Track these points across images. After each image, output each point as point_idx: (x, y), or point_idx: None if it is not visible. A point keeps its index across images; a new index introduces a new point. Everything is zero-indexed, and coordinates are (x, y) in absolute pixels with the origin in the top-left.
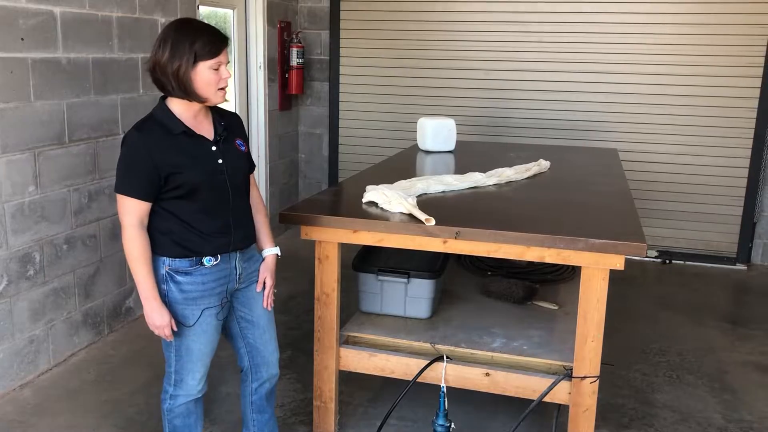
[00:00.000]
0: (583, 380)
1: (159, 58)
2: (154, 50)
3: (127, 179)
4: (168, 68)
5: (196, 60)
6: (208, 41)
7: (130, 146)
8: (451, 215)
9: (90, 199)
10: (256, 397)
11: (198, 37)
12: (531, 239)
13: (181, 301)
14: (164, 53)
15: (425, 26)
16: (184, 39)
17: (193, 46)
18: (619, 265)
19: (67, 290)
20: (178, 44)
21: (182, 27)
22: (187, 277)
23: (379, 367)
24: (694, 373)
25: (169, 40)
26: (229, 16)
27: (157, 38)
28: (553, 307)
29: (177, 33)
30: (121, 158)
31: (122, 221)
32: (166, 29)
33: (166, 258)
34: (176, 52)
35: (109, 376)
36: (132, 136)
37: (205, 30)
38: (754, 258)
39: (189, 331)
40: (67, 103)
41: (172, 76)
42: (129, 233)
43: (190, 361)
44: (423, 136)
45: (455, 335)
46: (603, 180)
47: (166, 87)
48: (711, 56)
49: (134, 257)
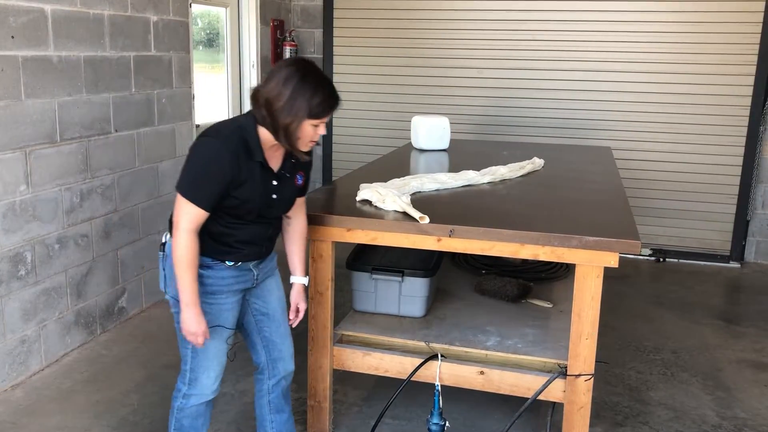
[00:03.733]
0: (577, 378)
1: (272, 100)
2: (270, 87)
3: (198, 187)
4: (278, 116)
5: (307, 117)
6: (325, 102)
7: (212, 156)
8: (445, 213)
9: (82, 198)
10: (274, 395)
11: (317, 95)
12: (525, 237)
13: (200, 293)
14: (280, 99)
15: (419, 24)
16: (305, 94)
17: (310, 104)
18: (614, 263)
19: (59, 290)
20: (297, 97)
21: (306, 78)
22: (208, 271)
23: (374, 366)
24: (688, 371)
25: (289, 86)
26: (222, 14)
27: (275, 73)
28: (548, 305)
29: (300, 84)
30: (195, 163)
31: (179, 224)
32: (289, 72)
33: None
34: (293, 106)
35: (101, 376)
36: (215, 146)
37: (325, 86)
38: (747, 256)
39: (215, 336)
40: (59, 102)
41: (281, 126)
42: (184, 238)
43: (206, 359)
44: (417, 135)
45: (449, 334)
46: (597, 178)
47: (266, 123)
48: (704, 54)
49: (185, 262)
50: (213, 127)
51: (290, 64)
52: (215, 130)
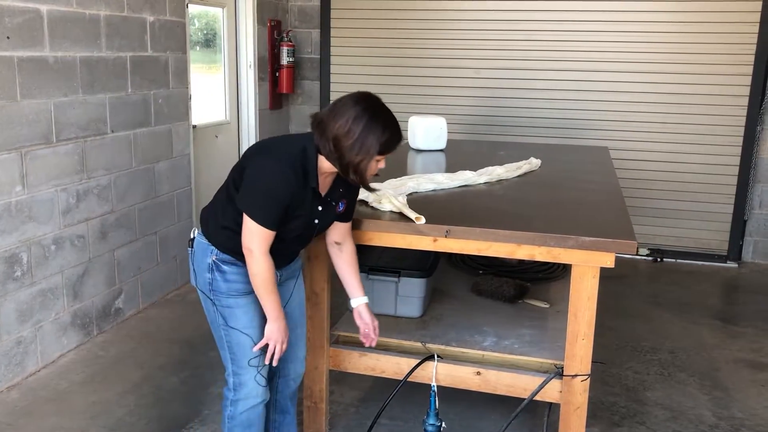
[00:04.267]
0: (574, 378)
1: (342, 137)
2: (339, 124)
3: (267, 210)
4: (348, 153)
5: (378, 154)
6: (393, 139)
7: (279, 180)
8: (442, 213)
9: (78, 199)
10: (281, 396)
11: (386, 132)
12: (521, 237)
13: (225, 291)
14: (350, 137)
15: (416, 25)
16: (375, 132)
17: (380, 141)
18: (610, 263)
19: (56, 291)
20: (367, 136)
21: (376, 116)
22: (233, 268)
23: (370, 367)
24: (685, 371)
25: (360, 124)
26: (219, 14)
27: (343, 109)
28: (545, 305)
29: (370, 122)
30: (263, 185)
31: (252, 247)
32: (359, 110)
33: (215, 248)
34: (364, 144)
35: (98, 377)
36: (281, 170)
37: (392, 123)
38: (744, 255)
39: (237, 324)
40: (55, 102)
41: (351, 163)
42: (261, 261)
43: (244, 357)
44: (414, 135)
45: (446, 334)
46: (594, 178)
47: (332, 158)
48: (701, 54)
49: (267, 284)
50: (275, 145)
51: (359, 102)
52: (278, 150)
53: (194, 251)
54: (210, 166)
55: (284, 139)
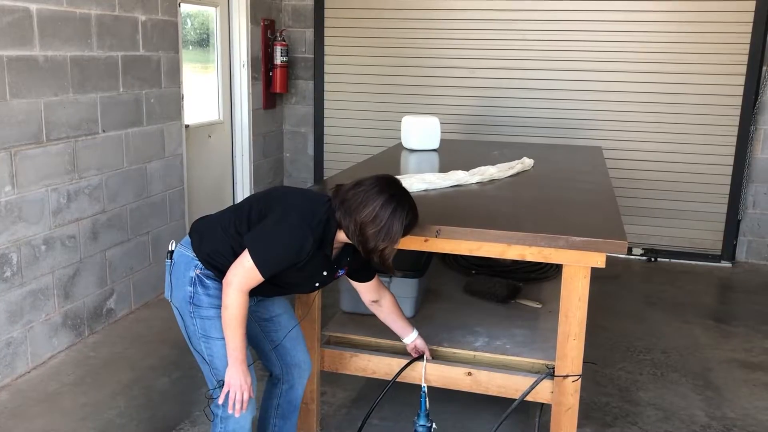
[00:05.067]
0: (565, 379)
1: (368, 224)
2: (365, 212)
3: (271, 260)
4: (373, 239)
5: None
6: (413, 223)
7: (298, 244)
8: (433, 213)
9: (69, 199)
10: (284, 400)
11: (407, 218)
12: (512, 237)
13: (207, 305)
14: (375, 224)
15: (410, 24)
16: (400, 220)
17: (403, 227)
18: (600, 263)
19: (46, 292)
20: (393, 224)
21: (401, 205)
22: (216, 283)
23: (361, 368)
24: (678, 371)
25: (385, 213)
26: (212, 14)
27: (369, 195)
28: (537, 305)
29: (395, 211)
30: (280, 241)
31: (234, 281)
32: (385, 198)
33: (200, 263)
34: (389, 233)
35: (89, 378)
36: (303, 234)
37: (413, 208)
38: (738, 255)
39: (218, 335)
40: (45, 102)
41: (377, 249)
42: (238, 297)
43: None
44: (407, 135)
45: (438, 334)
46: (586, 178)
47: (354, 240)
48: (695, 54)
49: (237, 321)
50: (304, 203)
51: (384, 189)
52: (305, 211)
53: (174, 263)
54: (203, 166)
55: (312, 199)
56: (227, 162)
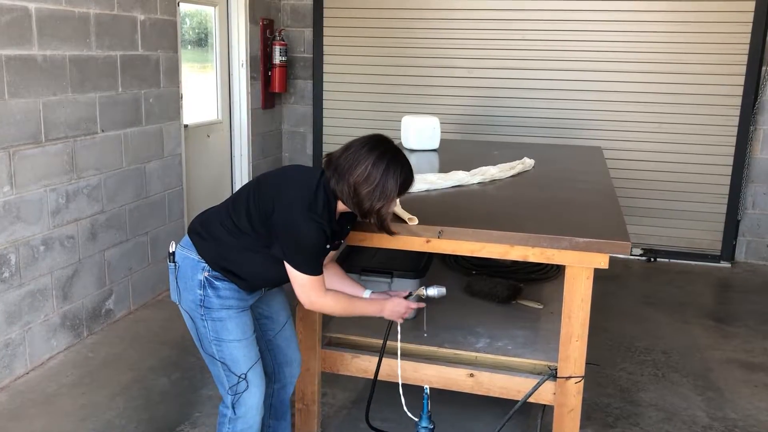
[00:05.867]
0: (567, 380)
1: (362, 184)
2: (358, 172)
3: (315, 262)
4: (368, 199)
5: (396, 197)
6: (408, 180)
7: (318, 236)
8: (434, 214)
9: (68, 199)
10: (276, 400)
11: (402, 175)
12: (514, 238)
13: (218, 307)
14: (369, 183)
15: (409, 24)
16: (393, 177)
17: (398, 185)
18: (604, 264)
19: (45, 292)
20: (387, 181)
21: (393, 162)
22: (226, 284)
23: (362, 369)
24: (679, 372)
25: (378, 171)
26: (211, 13)
27: (360, 156)
28: (538, 306)
29: (389, 168)
30: (308, 245)
31: (313, 299)
32: (377, 156)
33: (207, 265)
34: (384, 191)
35: (87, 379)
36: (317, 226)
37: (407, 165)
38: (738, 255)
39: (229, 335)
40: (44, 102)
41: (373, 209)
42: (328, 301)
43: (240, 371)
44: (407, 135)
45: (439, 335)
46: (587, 178)
47: (350, 203)
48: (695, 54)
49: (348, 309)
50: (304, 193)
51: (375, 147)
52: (308, 202)
53: (179, 267)
54: (202, 165)
55: (306, 181)
56: (226, 162)
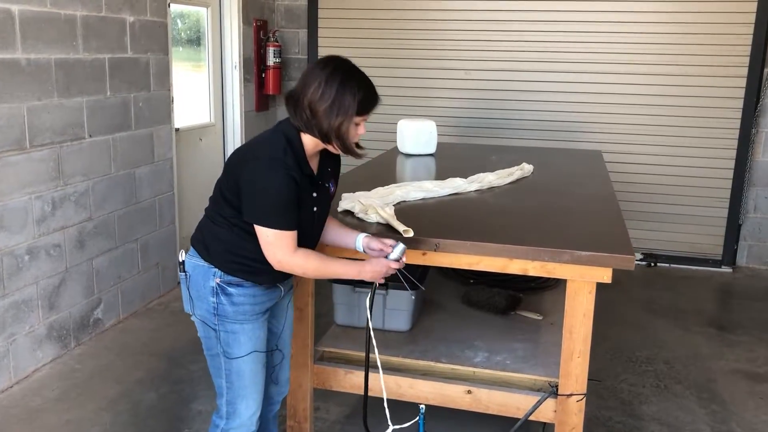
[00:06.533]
0: (569, 398)
1: (317, 102)
2: (312, 90)
3: (282, 214)
4: (326, 118)
5: (357, 115)
6: (368, 98)
7: (282, 181)
8: (431, 225)
9: (54, 206)
10: (263, 418)
11: (361, 90)
12: (514, 251)
13: (232, 315)
14: (324, 100)
15: (405, 25)
16: (350, 91)
17: (356, 100)
18: (606, 278)
19: (30, 303)
20: (344, 96)
21: (348, 77)
22: (239, 289)
23: (356, 385)
24: (681, 383)
25: (333, 85)
26: (203, 14)
27: (314, 75)
28: (537, 317)
29: (344, 82)
30: (270, 194)
31: (280, 257)
32: (330, 71)
33: (219, 270)
34: (341, 107)
35: (73, 392)
36: (280, 169)
37: (366, 83)
38: (739, 260)
39: (240, 351)
40: (28, 107)
41: (332, 128)
42: (298, 260)
43: (243, 387)
44: (403, 139)
45: (436, 348)
46: (588, 184)
47: (311, 129)
48: (696, 56)
49: (322, 267)
50: (259, 147)
51: (328, 64)
52: (264, 150)
53: (190, 276)
54: (194, 169)
55: (263, 136)
56: (219, 165)
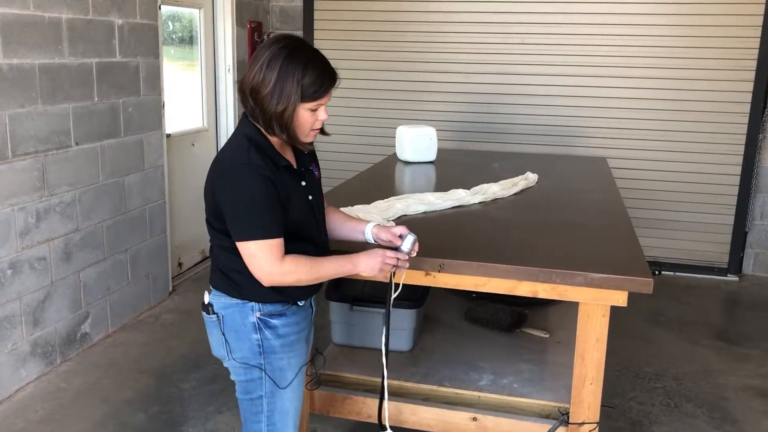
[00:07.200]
0: (581, 427)
1: (258, 86)
2: (253, 73)
3: (260, 219)
4: (268, 104)
5: (301, 100)
6: (319, 79)
7: (254, 183)
8: (434, 244)
9: (38, 218)
10: None
11: (308, 72)
12: (523, 273)
13: (279, 349)
14: (266, 84)
15: (403, 27)
16: (294, 73)
17: (302, 84)
18: (622, 302)
19: (12, 319)
20: (286, 79)
21: (294, 55)
22: (282, 319)
23: (355, 411)
24: (692, 401)
25: (275, 67)
26: (196, 16)
27: (258, 56)
28: (544, 335)
29: (287, 63)
30: (242, 200)
31: (269, 268)
32: (273, 51)
33: (256, 303)
34: (283, 90)
35: (58, 414)
36: (249, 172)
37: (316, 61)
38: (745, 268)
39: (285, 383)
40: (10, 114)
41: (274, 116)
42: (289, 269)
43: (286, 427)
44: (402, 146)
45: (438, 371)
46: (595, 195)
47: (256, 116)
48: (701, 59)
49: (316, 269)
50: (224, 155)
51: (273, 43)
52: (230, 157)
53: (223, 317)
54: (186, 176)
55: (226, 146)
56: None
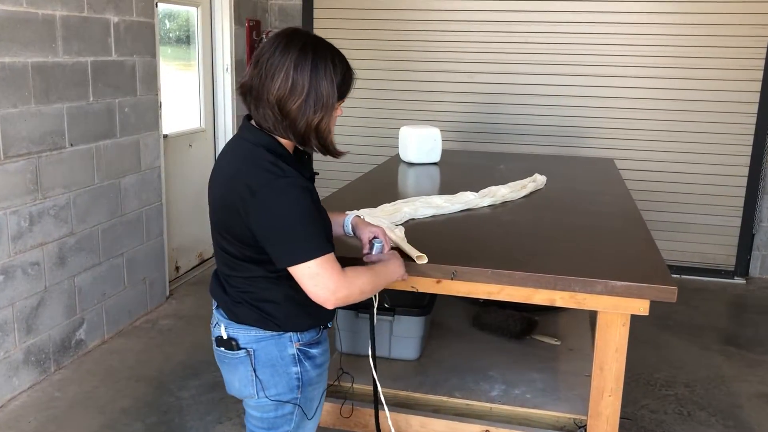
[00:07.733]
0: None
1: (287, 98)
2: (277, 82)
3: (316, 234)
4: (301, 117)
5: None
6: (348, 72)
7: (298, 197)
8: (445, 249)
9: (31, 222)
10: None
11: (337, 70)
12: (540, 281)
13: (315, 380)
14: (296, 94)
15: (406, 26)
16: (327, 75)
17: (336, 85)
18: (644, 311)
19: (4, 327)
20: (320, 84)
21: (320, 56)
22: (319, 348)
23: (362, 424)
24: (705, 409)
25: (305, 74)
26: (193, 14)
27: (274, 61)
28: (555, 342)
29: (317, 65)
30: (291, 217)
31: (334, 286)
32: (296, 54)
33: (295, 333)
34: (319, 98)
35: (52, 425)
36: (288, 186)
37: (340, 57)
38: (752, 271)
39: (313, 418)
40: (2, 114)
41: (311, 127)
42: (353, 281)
43: None
44: (405, 147)
45: (447, 381)
46: (606, 197)
47: (281, 129)
48: (709, 59)
49: (374, 278)
50: (246, 173)
51: (289, 44)
52: (255, 175)
53: (254, 352)
54: (183, 178)
55: (241, 164)
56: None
